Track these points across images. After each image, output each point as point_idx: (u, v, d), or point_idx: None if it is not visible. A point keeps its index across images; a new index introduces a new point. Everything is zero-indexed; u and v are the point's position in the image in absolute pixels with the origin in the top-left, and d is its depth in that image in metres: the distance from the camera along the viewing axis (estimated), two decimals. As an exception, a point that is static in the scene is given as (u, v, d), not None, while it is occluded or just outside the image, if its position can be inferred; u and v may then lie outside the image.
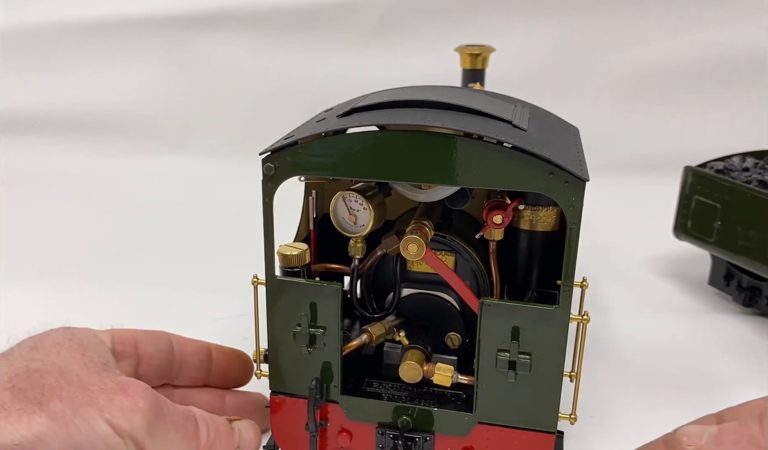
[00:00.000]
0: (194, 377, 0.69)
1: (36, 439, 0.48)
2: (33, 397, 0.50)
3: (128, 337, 0.64)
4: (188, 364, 0.69)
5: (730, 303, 1.05)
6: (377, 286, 0.67)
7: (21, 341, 0.57)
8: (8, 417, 0.49)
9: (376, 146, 0.54)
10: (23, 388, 0.51)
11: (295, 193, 0.68)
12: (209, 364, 0.70)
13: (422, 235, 0.57)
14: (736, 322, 1.01)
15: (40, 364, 0.53)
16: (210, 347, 0.71)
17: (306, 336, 0.59)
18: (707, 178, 1.01)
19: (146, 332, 0.66)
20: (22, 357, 0.54)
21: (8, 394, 0.50)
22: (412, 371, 0.59)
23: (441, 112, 0.56)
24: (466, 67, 1.00)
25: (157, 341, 0.66)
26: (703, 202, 1.02)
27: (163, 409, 0.55)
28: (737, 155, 1.10)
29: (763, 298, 1.01)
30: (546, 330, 0.55)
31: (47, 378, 0.52)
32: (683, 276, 1.15)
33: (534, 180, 0.52)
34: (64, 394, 0.51)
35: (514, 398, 0.58)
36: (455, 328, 0.64)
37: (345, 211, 0.60)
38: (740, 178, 1.02)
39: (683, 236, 1.06)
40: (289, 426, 0.63)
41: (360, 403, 0.61)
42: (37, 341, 0.56)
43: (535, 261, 0.65)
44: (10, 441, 0.48)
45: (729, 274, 1.05)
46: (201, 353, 0.70)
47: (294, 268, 0.61)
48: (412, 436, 0.60)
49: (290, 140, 0.56)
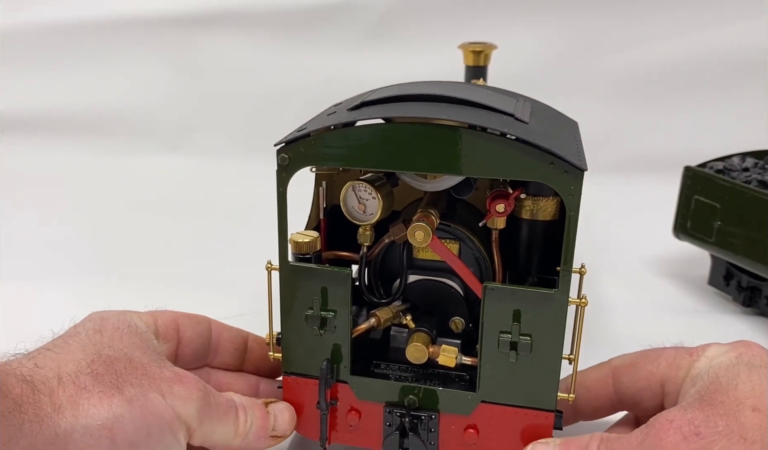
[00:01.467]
0: (229, 363, 0.74)
1: (115, 419, 0.54)
2: (110, 381, 0.56)
3: (170, 319, 0.69)
4: (224, 350, 0.73)
5: (730, 303, 1.08)
6: (384, 273, 0.72)
7: (82, 322, 0.63)
8: (90, 398, 0.54)
9: (384, 138, 0.59)
10: (100, 372, 0.56)
11: (295, 191, 0.73)
12: (244, 353, 0.75)
13: (428, 223, 0.62)
14: (736, 321, 1.03)
15: (110, 350, 0.58)
16: (247, 336, 0.76)
17: (317, 319, 0.64)
18: (707, 178, 1.04)
19: (188, 316, 0.71)
20: (91, 342, 0.59)
21: (89, 378, 0.55)
22: (418, 352, 0.64)
23: (446, 106, 0.61)
24: (469, 63, 1.05)
25: (197, 325, 0.71)
26: (703, 202, 1.04)
27: (210, 398, 0.61)
28: (737, 155, 1.13)
29: (762, 298, 1.04)
30: (546, 312, 0.60)
31: (117, 364, 0.57)
32: (683, 276, 1.18)
33: (535, 170, 0.57)
34: (134, 381, 0.57)
35: (515, 378, 0.62)
36: (459, 312, 0.69)
37: (355, 200, 0.65)
38: (740, 178, 1.05)
39: (683, 236, 1.08)
40: (301, 405, 0.68)
41: (368, 383, 0.66)
42: (97, 324, 0.62)
43: (536, 249, 0.70)
44: (93, 422, 0.53)
45: (729, 274, 1.08)
46: (238, 341, 0.74)
47: (305, 255, 0.66)
48: (418, 414, 0.65)
49: (303, 132, 0.61)
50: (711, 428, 0.52)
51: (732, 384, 0.56)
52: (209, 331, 0.72)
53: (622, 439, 0.57)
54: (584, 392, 0.69)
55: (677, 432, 0.53)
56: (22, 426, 0.50)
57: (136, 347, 0.61)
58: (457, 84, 0.75)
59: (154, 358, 0.61)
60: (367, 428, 0.67)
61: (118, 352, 0.59)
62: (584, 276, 0.69)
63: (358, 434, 0.68)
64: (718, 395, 0.56)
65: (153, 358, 0.61)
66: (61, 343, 0.59)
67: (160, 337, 0.67)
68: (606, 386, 0.68)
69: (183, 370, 0.62)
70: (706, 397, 0.56)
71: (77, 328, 0.62)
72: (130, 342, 0.61)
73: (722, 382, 0.57)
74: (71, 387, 0.54)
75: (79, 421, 0.52)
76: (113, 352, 0.59)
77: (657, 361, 0.64)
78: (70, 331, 0.62)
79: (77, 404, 0.53)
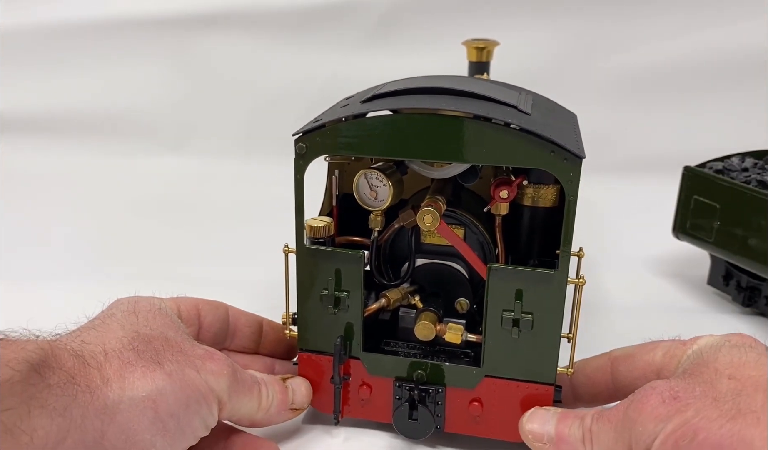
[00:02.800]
0: (245, 346, 0.81)
1: (158, 392, 0.60)
2: (150, 357, 0.61)
3: (192, 305, 0.75)
4: (241, 333, 0.80)
5: (729, 303, 1.11)
6: (393, 257, 0.79)
7: (114, 305, 0.69)
8: (134, 372, 0.59)
9: (395, 128, 0.66)
10: (141, 349, 0.62)
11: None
12: (259, 337, 0.82)
13: (437, 208, 0.69)
14: (736, 321, 1.06)
15: (147, 330, 0.64)
16: (262, 320, 0.82)
17: (332, 298, 0.72)
18: (706, 178, 1.06)
19: (207, 302, 0.77)
20: (129, 322, 0.65)
21: (132, 354, 0.61)
22: (426, 330, 0.72)
23: (453, 98, 0.68)
24: (472, 59, 1.12)
25: (216, 310, 0.77)
26: (703, 202, 1.06)
27: (238, 375, 0.67)
28: (736, 155, 1.16)
29: (762, 297, 1.07)
30: (546, 291, 0.67)
31: (155, 342, 0.63)
32: (682, 276, 1.21)
33: (537, 157, 0.64)
34: (171, 357, 0.63)
35: (517, 353, 0.70)
36: (464, 294, 0.76)
37: (366, 187, 0.72)
38: (739, 178, 1.08)
39: (682, 236, 1.11)
40: (315, 381, 0.76)
41: (379, 359, 0.74)
42: (131, 306, 0.68)
43: (537, 234, 0.78)
44: (138, 393, 0.59)
45: (728, 273, 1.11)
46: (253, 325, 0.81)
47: (320, 239, 0.73)
48: (426, 388, 0.72)
49: (319, 123, 0.68)
50: (688, 393, 0.58)
51: (713, 357, 0.62)
52: (227, 316, 0.79)
53: (612, 408, 0.63)
54: (584, 379, 0.75)
55: (658, 396, 0.59)
56: (76, 396, 0.55)
57: (168, 327, 0.67)
58: (463, 78, 0.83)
59: (185, 337, 0.67)
60: (378, 402, 0.75)
61: (154, 331, 0.65)
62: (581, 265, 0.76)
63: (370, 408, 0.75)
64: (699, 367, 0.62)
65: (184, 337, 0.67)
66: (100, 323, 0.65)
67: (183, 322, 0.72)
68: (605, 374, 0.73)
69: (212, 349, 0.68)
70: (688, 369, 0.63)
71: (111, 309, 0.68)
72: (162, 322, 0.67)
73: (704, 357, 0.63)
74: (117, 361, 0.60)
75: (125, 393, 0.58)
76: (149, 331, 0.64)
77: (653, 352, 0.70)
78: (106, 312, 0.67)
79: (123, 377, 0.59)
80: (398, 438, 0.76)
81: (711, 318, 1.08)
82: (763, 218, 0.99)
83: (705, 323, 0.98)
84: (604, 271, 1.20)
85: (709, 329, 0.73)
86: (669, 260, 1.27)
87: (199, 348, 0.67)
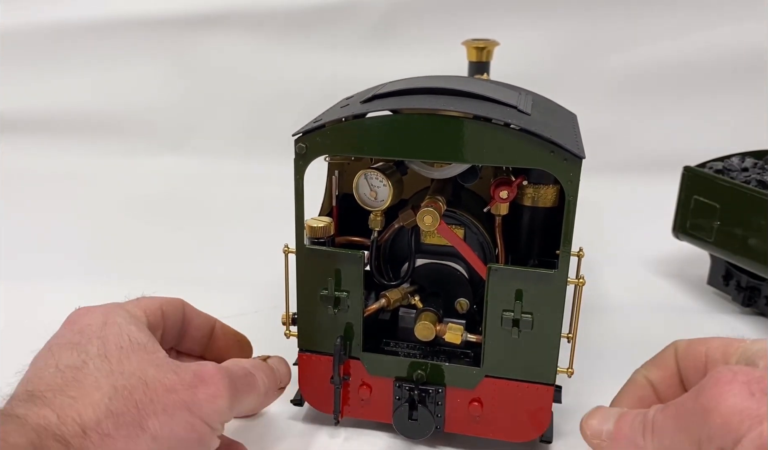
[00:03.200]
0: (193, 348, 0.77)
1: None
2: (131, 419, 0.56)
3: (156, 307, 0.70)
4: (191, 336, 0.76)
5: (729, 303, 1.11)
6: (393, 257, 0.79)
7: (78, 330, 0.62)
8: (115, 444, 0.55)
9: (395, 128, 0.66)
10: (120, 412, 0.56)
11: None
12: (209, 340, 0.78)
13: (436, 208, 0.70)
14: (735, 321, 1.06)
15: (123, 379, 0.58)
16: (214, 323, 0.79)
17: (332, 298, 0.72)
18: (706, 178, 1.06)
19: (168, 301, 0.73)
20: (102, 374, 0.58)
21: (110, 423, 0.56)
22: (426, 330, 0.72)
23: (453, 98, 0.68)
24: (472, 59, 1.13)
25: (175, 310, 0.73)
26: (703, 202, 1.06)
27: (235, 382, 0.64)
28: (736, 155, 1.16)
29: (762, 297, 1.07)
30: (546, 291, 0.67)
31: (135, 394, 0.58)
32: (682, 276, 1.21)
33: (537, 157, 0.64)
34: (157, 407, 0.58)
35: (517, 353, 0.70)
36: (464, 294, 0.77)
37: (366, 187, 0.73)
38: (739, 178, 1.08)
39: (682, 236, 1.11)
40: (315, 381, 0.76)
41: (379, 360, 0.74)
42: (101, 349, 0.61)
43: (537, 234, 0.78)
44: None
45: (728, 273, 1.11)
46: (204, 329, 0.77)
47: (320, 239, 0.73)
48: (426, 388, 0.72)
49: (319, 123, 0.68)
50: None
51: None
52: (183, 315, 0.75)
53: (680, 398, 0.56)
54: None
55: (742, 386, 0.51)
56: None
57: (146, 364, 0.61)
58: (463, 78, 0.83)
59: (166, 367, 0.61)
60: (378, 402, 0.75)
61: (132, 378, 0.59)
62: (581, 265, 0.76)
63: (370, 408, 0.75)
64: None
65: (165, 367, 0.61)
66: (72, 380, 0.58)
67: (150, 328, 0.67)
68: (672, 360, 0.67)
69: (200, 364, 0.63)
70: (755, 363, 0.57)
71: (79, 353, 0.60)
72: (138, 360, 0.61)
73: None
74: (96, 437, 0.55)
75: None
76: (126, 379, 0.59)
77: (709, 342, 0.63)
78: (76, 362, 0.60)
79: None
80: (398, 438, 0.76)
81: (711, 318, 1.08)
82: (763, 218, 0.99)
83: (705, 323, 1.04)
84: (604, 271, 1.21)
85: (709, 329, 0.73)
86: (669, 260, 1.27)
87: (186, 372, 0.61)
